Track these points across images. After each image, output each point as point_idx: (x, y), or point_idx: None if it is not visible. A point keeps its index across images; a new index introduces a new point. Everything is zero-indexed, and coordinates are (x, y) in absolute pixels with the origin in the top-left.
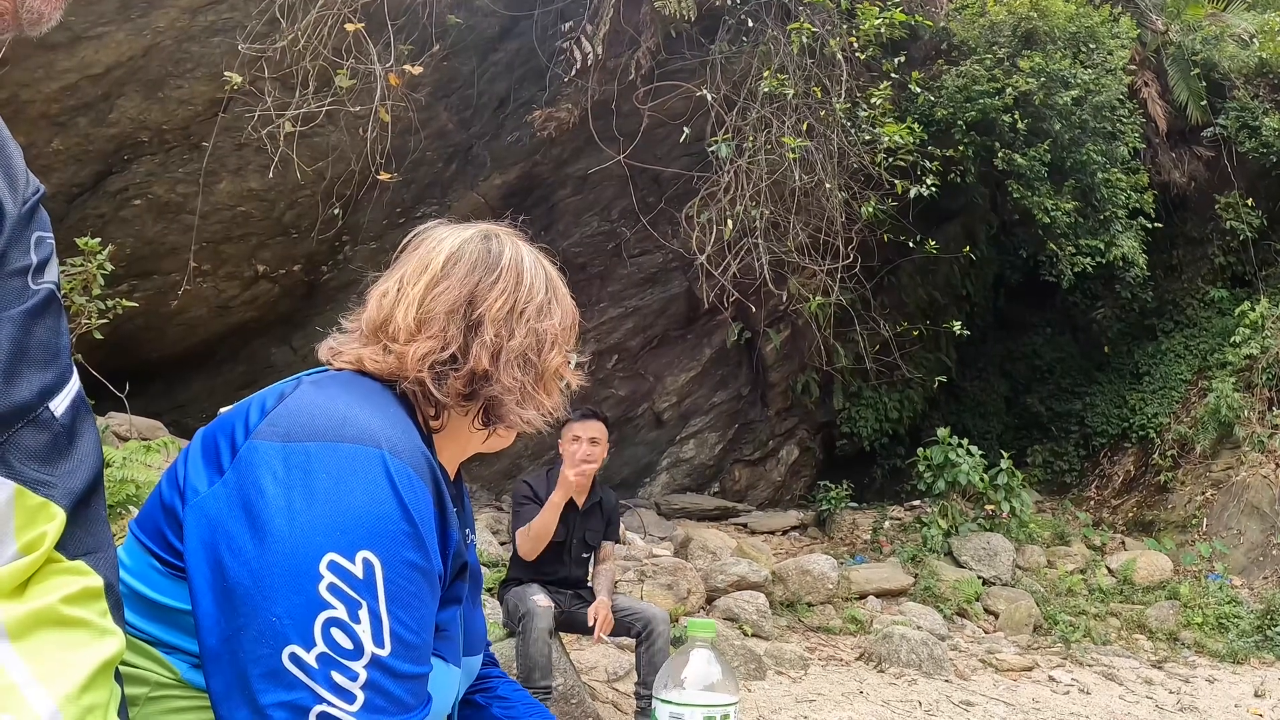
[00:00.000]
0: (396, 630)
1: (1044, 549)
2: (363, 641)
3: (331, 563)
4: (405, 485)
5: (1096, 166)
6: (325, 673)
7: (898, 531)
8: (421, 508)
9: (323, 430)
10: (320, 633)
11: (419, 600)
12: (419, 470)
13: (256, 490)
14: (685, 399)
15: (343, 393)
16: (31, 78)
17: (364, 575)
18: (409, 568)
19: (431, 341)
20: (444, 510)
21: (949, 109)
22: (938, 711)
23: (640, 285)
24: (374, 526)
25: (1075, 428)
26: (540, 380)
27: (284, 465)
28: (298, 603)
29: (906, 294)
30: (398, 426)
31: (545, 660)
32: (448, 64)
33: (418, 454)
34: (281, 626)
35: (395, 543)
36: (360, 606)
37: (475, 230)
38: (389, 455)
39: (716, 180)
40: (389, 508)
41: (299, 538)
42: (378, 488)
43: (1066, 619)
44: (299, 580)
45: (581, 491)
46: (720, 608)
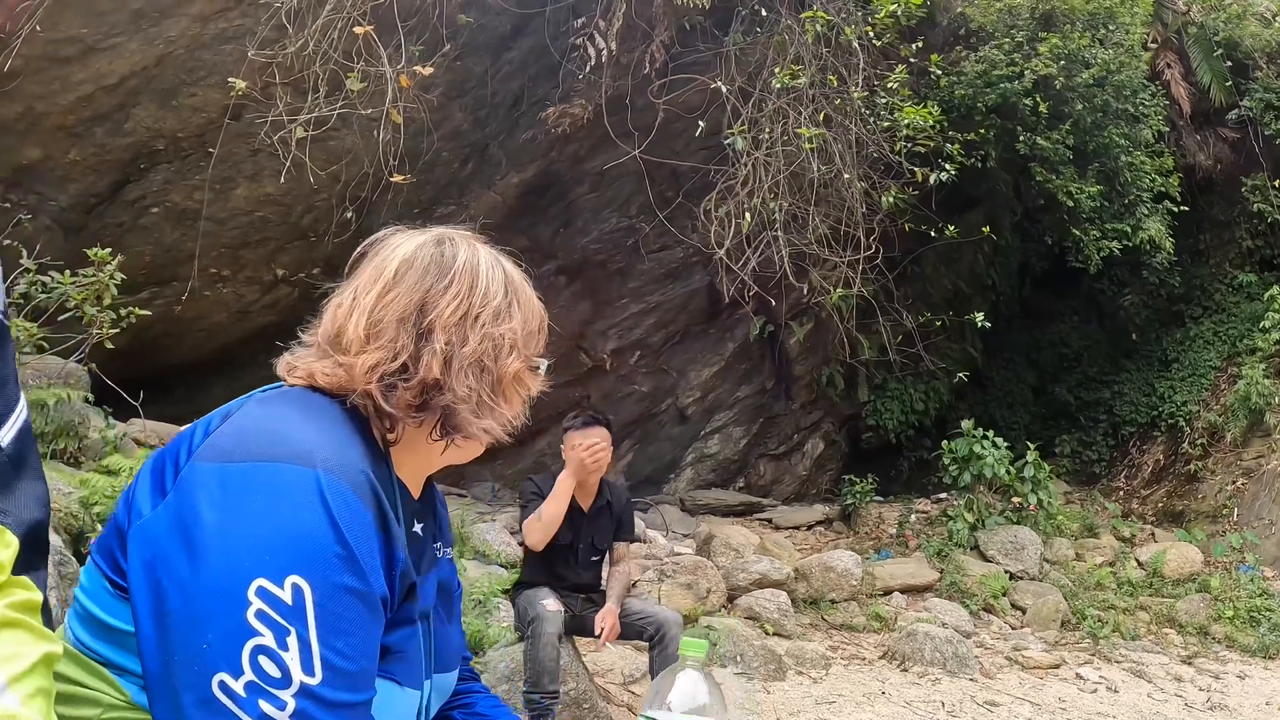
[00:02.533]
0: (328, 657)
1: (1072, 542)
2: (291, 670)
3: (260, 588)
4: (339, 506)
5: (1120, 149)
6: (253, 701)
7: (924, 525)
8: (358, 528)
9: (259, 450)
10: (248, 661)
11: (354, 625)
12: (357, 489)
13: (193, 513)
14: (709, 394)
15: (285, 410)
16: (47, 90)
17: (293, 601)
18: (342, 592)
19: (380, 352)
20: (388, 530)
21: (968, 93)
22: (961, 712)
23: (661, 281)
24: (304, 550)
25: (1104, 417)
26: (498, 388)
27: (220, 488)
28: (226, 629)
29: (930, 284)
30: (338, 443)
31: (554, 665)
32: (461, 64)
33: (356, 472)
34: (211, 654)
35: (326, 566)
36: (289, 633)
37: (430, 235)
38: (323, 474)
39: (734, 173)
40: (320, 530)
41: (229, 562)
42: (309, 509)
43: (1095, 614)
44: (228, 606)
45: (587, 493)
46: (741, 606)
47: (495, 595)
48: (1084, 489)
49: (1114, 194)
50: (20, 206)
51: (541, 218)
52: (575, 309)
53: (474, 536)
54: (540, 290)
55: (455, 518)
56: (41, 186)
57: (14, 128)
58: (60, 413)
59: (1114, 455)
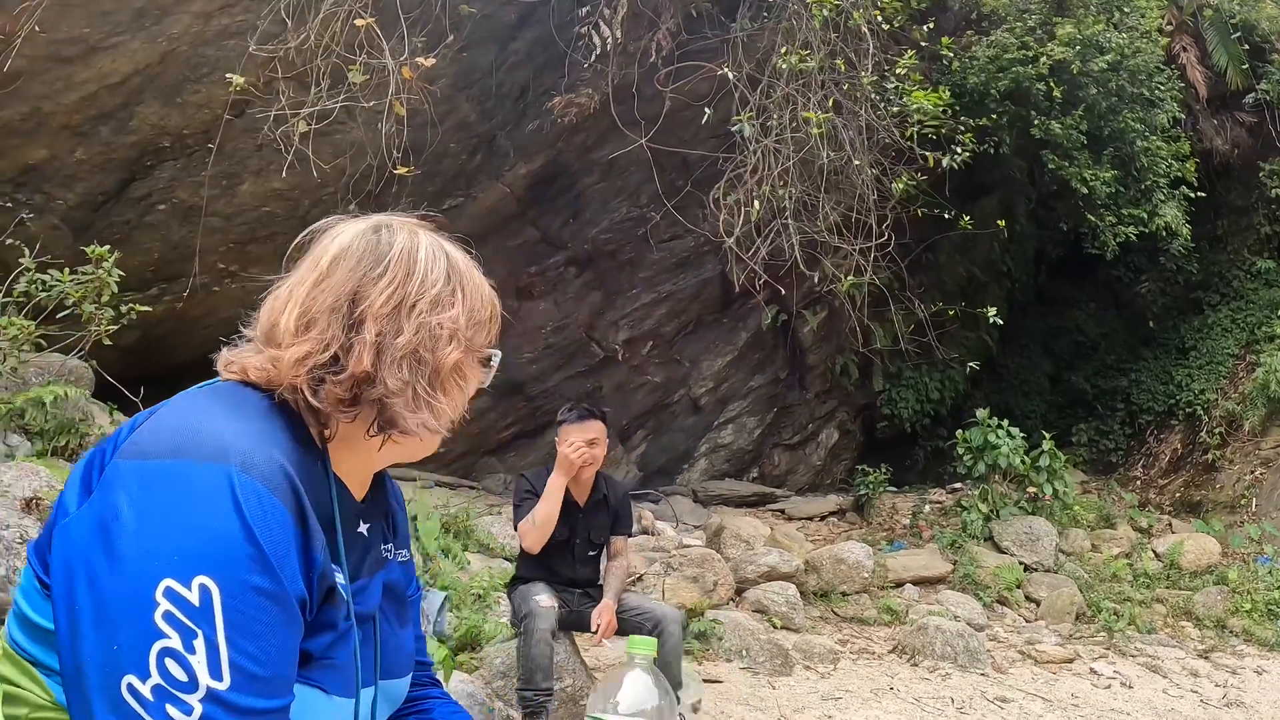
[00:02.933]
0: (237, 661)
1: (1088, 532)
2: (197, 673)
3: (168, 589)
4: (251, 505)
5: (1135, 134)
6: (160, 705)
7: (938, 515)
8: (272, 528)
9: (175, 447)
10: (155, 664)
11: (266, 628)
12: (273, 486)
13: (113, 512)
14: (722, 384)
15: (208, 405)
16: (51, 90)
17: (200, 602)
18: (253, 593)
19: (310, 344)
20: (307, 529)
21: (981, 79)
22: (971, 709)
23: (672, 270)
24: (213, 550)
25: (1121, 405)
26: (436, 380)
27: (138, 486)
28: (135, 631)
29: (945, 272)
30: (256, 439)
31: (547, 662)
32: (467, 55)
33: (273, 469)
34: (120, 655)
35: (236, 567)
36: (195, 636)
37: (368, 223)
38: (237, 472)
39: (743, 161)
40: (230, 529)
41: (139, 563)
42: (220, 508)
43: (1110, 606)
44: (137, 607)
45: (583, 488)
46: (749, 599)
47: (496, 590)
48: (1101, 478)
49: (1130, 179)
50: (27, 206)
51: (550, 208)
52: (586, 299)
53: (479, 529)
54: (550, 281)
55: (461, 510)
56: (49, 186)
57: (20, 128)
58: (59, 410)
59: (1131, 444)
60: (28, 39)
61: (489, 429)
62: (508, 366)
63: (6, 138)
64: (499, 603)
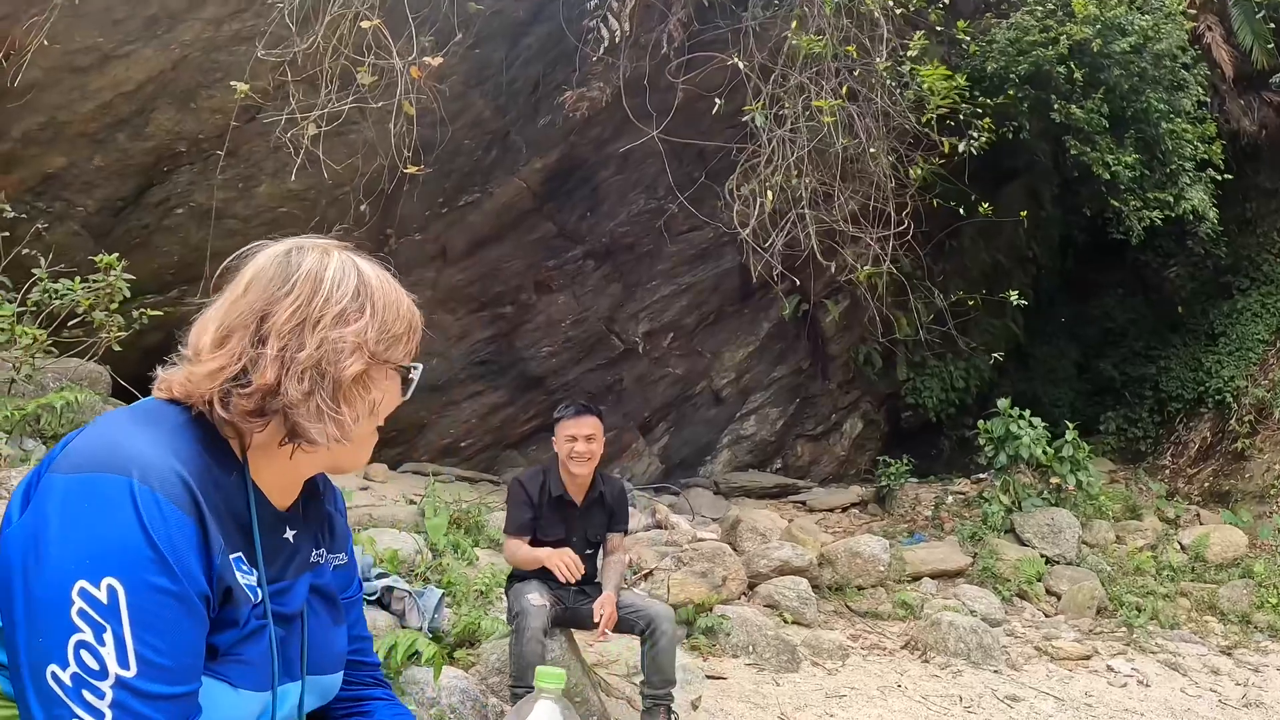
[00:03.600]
0: (142, 652)
1: (1113, 524)
2: (107, 663)
3: (81, 589)
4: (150, 512)
5: (1159, 116)
6: (78, 691)
7: (961, 507)
8: (171, 533)
9: (91, 461)
10: (73, 654)
11: (168, 623)
12: (172, 496)
13: (43, 522)
14: (744, 375)
15: (124, 421)
16: (67, 99)
17: (108, 601)
18: (155, 592)
19: (221, 359)
20: (207, 533)
21: (1000, 63)
22: (979, 708)
23: (691, 262)
24: (118, 554)
25: (1149, 393)
26: (338, 392)
27: (61, 497)
28: (55, 626)
29: (969, 259)
30: (159, 452)
31: (537, 659)
32: (478, 52)
33: (171, 479)
34: (44, 648)
35: (139, 569)
36: (105, 630)
37: (284, 246)
38: (137, 483)
39: (757, 151)
40: (131, 535)
41: (58, 566)
42: (122, 516)
43: (1132, 600)
44: (56, 605)
45: (580, 487)
46: (761, 594)
47: (499, 586)
48: (1129, 468)
49: (1155, 163)
50: (48, 213)
51: (567, 202)
52: (605, 292)
53: (490, 525)
54: (569, 275)
55: (474, 505)
56: (68, 193)
57: (38, 137)
58: (72, 414)
59: (1160, 433)
60: (42, 50)
61: (509, 423)
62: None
63: (25, 147)
64: (500, 600)
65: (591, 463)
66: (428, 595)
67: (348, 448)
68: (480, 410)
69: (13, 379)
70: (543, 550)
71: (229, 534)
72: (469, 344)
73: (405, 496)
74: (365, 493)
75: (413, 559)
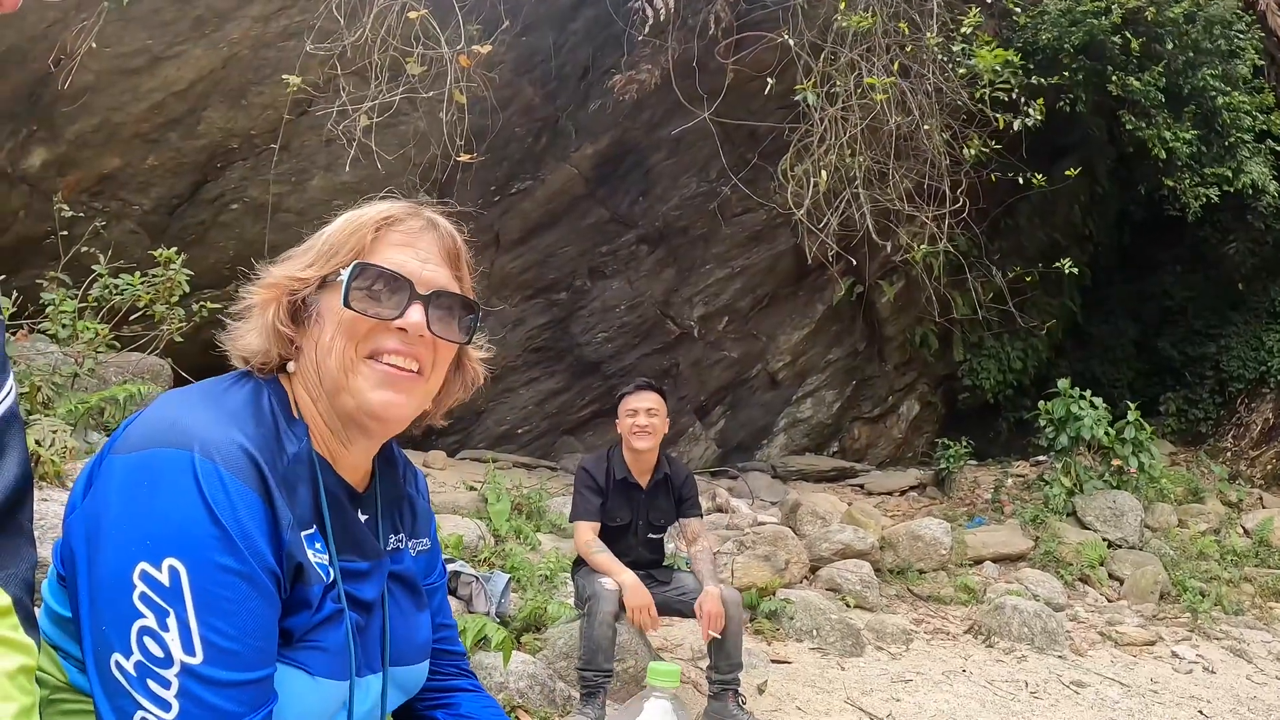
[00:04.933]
0: (208, 637)
1: (1175, 507)
2: (172, 650)
3: (143, 572)
4: (213, 487)
5: (1215, 90)
6: (142, 680)
7: (1020, 490)
8: (236, 508)
9: (150, 438)
10: (136, 642)
11: (235, 604)
12: (236, 469)
13: (104, 504)
14: (800, 358)
15: (187, 396)
16: (119, 101)
17: (170, 583)
18: (220, 571)
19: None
20: (274, 507)
21: (1053, 34)
22: (1044, 693)
23: (745, 245)
24: (179, 533)
25: (1210, 372)
26: (250, 314)
27: (121, 478)
28: (117, 613)
29: (1025, 237)
30: (220, 424)
31: (608, 644)
32: (526, 39)
33: (234, 450)
34: (108, 636)
35: (202, 547)
36: (168, 615)
37: None
38: (198, 457)
39: (809, 131)
40: (194, 512)
41: (118, 549)
42: (183, 492)
43: (1196, 586)
44: (117, 591)
45: (644, 469)
46: (823, 578)
47: (563, 571)
48: (1190, 450)
49: (1212, 136)
50: (104, 213)
51: (620, 187)
52: (659, 277)
53: (551, 510)
54: (623, 260)
55: (534, 491)
56: (124, 193)
57: (92, 140)
58: (134, 407)
59: (1221, 414)
60: (92, 54)
61: (566, 409)
62: (582, 346)
63: (80, 149)
64: (565, 584)
65: (654, 438)
66: (495, 580)
67: (342, 380)
68: (537, 396)
69: (76, 373)
70: (626, 576)
71: (297, 509)
72: (524, 331)
73: (465, 483)
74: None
75: (476, 544)
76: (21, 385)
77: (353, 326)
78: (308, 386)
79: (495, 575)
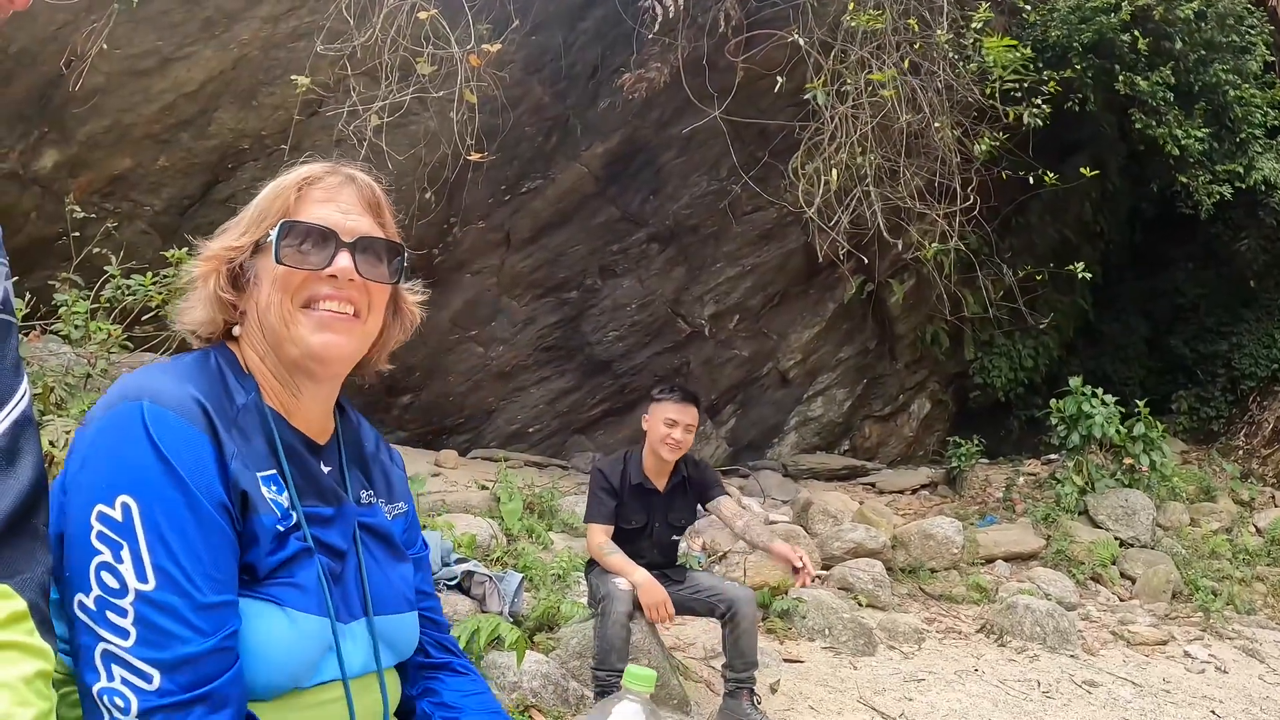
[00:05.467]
0: (160, 564)
1: (1187, 506)
2: (127, 580)
3: (99, 513)
4: (160, 427)
5: (1227, 85)
6: (102, 613)
7: (1032, 488)
8: (180, 446)
9: (108, 404)
10: (94, 578)
11: (185, 533)
12: (184, 412)
13: (69, 470)
14: (810, 356)
15: (151, 366)
16: (130, 102)
17: (123, 518)
18: (169, 503)
19: None
20: (220, 443)
21: (1063, 31)
22: (1057, 693)
23: (756, 243)
24: (129, 472)
25: (1222, 370)
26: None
27: (82, 443)
28: (77, 555)
29: (1036, 234)
30: (173, 379)
31: (622, 644)
32: (535, 38)
33: (183, 397)
34: (73, 579)
35: (151, 483)
36: (122, 548)
37: None
38: (148, 404)
39: (819, 129)
40: (142, 452)
41: (82, 499)
42: (134, 436)
43: (1208, 585)
44: (79, 534)
45: (662, 473)
46: (835, 577)
47: (576, 570)
48: (1202, 448)
49: (1224, 132)
50: (116, 214)
51: (630, 186)
52: (670, 275)
53: (563, 509)
54: (633, 258)
55: (546, 490)
56: (135, 193)
57: (103, 140)
58: None
59: (1233, 412)
60: (103, 55)
61: (577, 408)
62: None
63: (91, 150)
64: (578, 583)
65: (682, 451)
66: (508, 579)
67: (283, 331)
68: (547, 395)
69: (89, 374)
70: (639, 575)
71: (251, 453)
72: (535, 330)
73: (477, 482)
74: (437, 479)
75: (488, 544)
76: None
77: (286, 280)
78: (254, 345)
79: (508, 575)
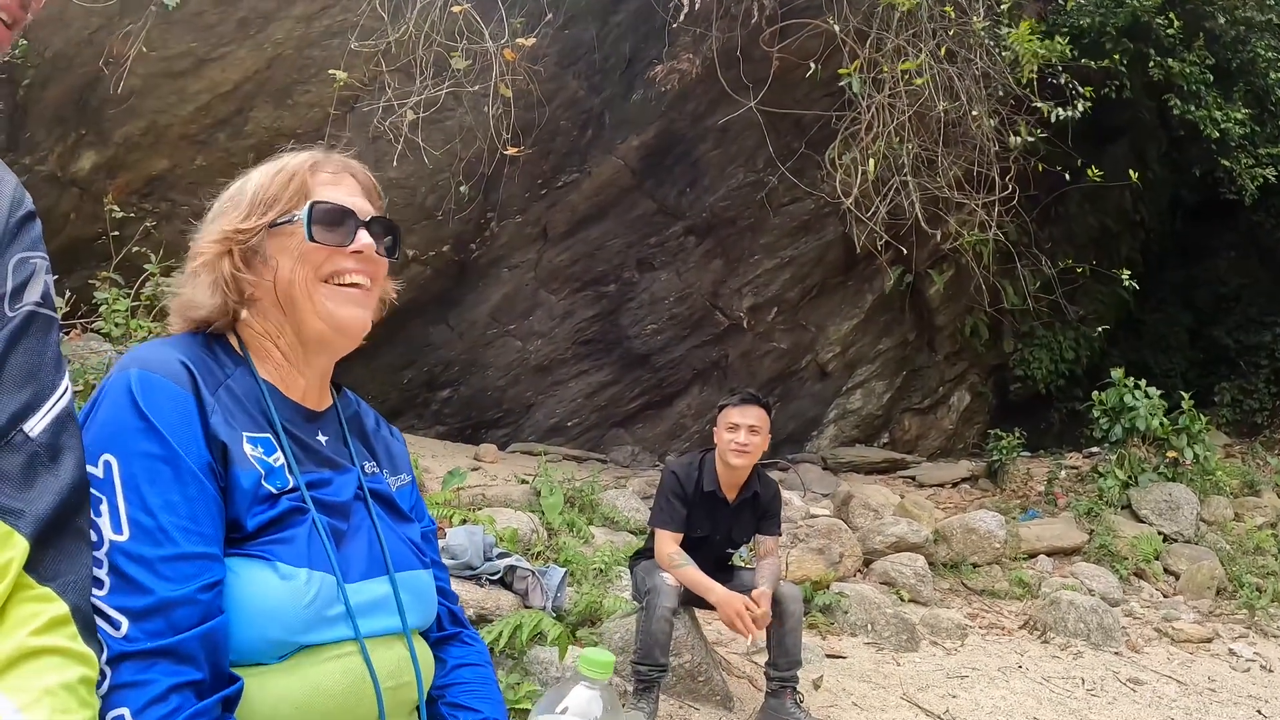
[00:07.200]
0: (134, 516)
1: (1231, 500)
2: (104, 532)
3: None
4: (142, 389)
5: (1267, 65)
6: None
7: (1074, 482)
8: (160, 403)
9: (111, 373)
10: None
11: (162, 487)
12: (169, 373)
13: None
14: (849, 348)
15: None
16: (166, 104)
17: (104, 475)
18: (145, 458)
19: None
20: (202, 402)
21: (1096, 17)
22: (1101, 691)
23: (793, 234)
24: (112, 432)
25: (1265, 362)
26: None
27: (87, 409)
28: None
29: (1076, 224)
30: (162, 350)
31: (665, 638)
32: (569, 32)
33: (171, 360)
34: None
35: (128, 440)
36: (101, 502)
37: None
38: (135, 371)
39: (856, 119)
40: (123, 412)
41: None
42: (119, 400)
43: (1252, 581)
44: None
45: (734, 483)
46: (877, 571)
47: (618, 564)
48: (1245, 441)
49: (1266, 115)
50: (154, 213)
51: (667, 178)
52: (708, 268)
53: (604, 503)
54: (670, 251)
55: (586, 484)
56: (173, 193)
57: (140, 142)
58: None
59: (1277, 404)
60: (139, 58)
61: (615, 401)
62: (631, 339)
63: (129, 152)
64: (620, 577)
65: (751, 457)
66: (551, 574)
67: (308, 305)
68: (586, 389)
69: None
70: (717, 593)
71: (242, 416)
72: (573, 324)
73: (516, 476)
74: (477, 473)
75: (529, 538)
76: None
77: (314, 256)
78: (265, 323)
79: (551, 569)
